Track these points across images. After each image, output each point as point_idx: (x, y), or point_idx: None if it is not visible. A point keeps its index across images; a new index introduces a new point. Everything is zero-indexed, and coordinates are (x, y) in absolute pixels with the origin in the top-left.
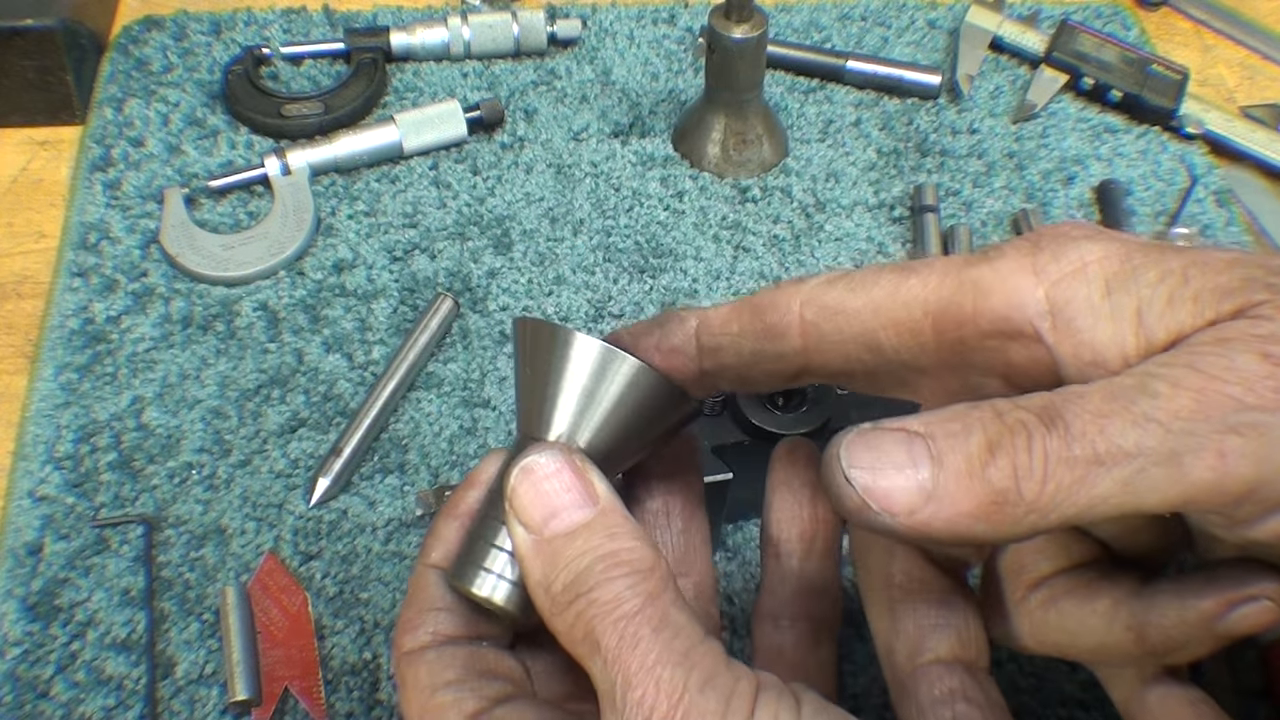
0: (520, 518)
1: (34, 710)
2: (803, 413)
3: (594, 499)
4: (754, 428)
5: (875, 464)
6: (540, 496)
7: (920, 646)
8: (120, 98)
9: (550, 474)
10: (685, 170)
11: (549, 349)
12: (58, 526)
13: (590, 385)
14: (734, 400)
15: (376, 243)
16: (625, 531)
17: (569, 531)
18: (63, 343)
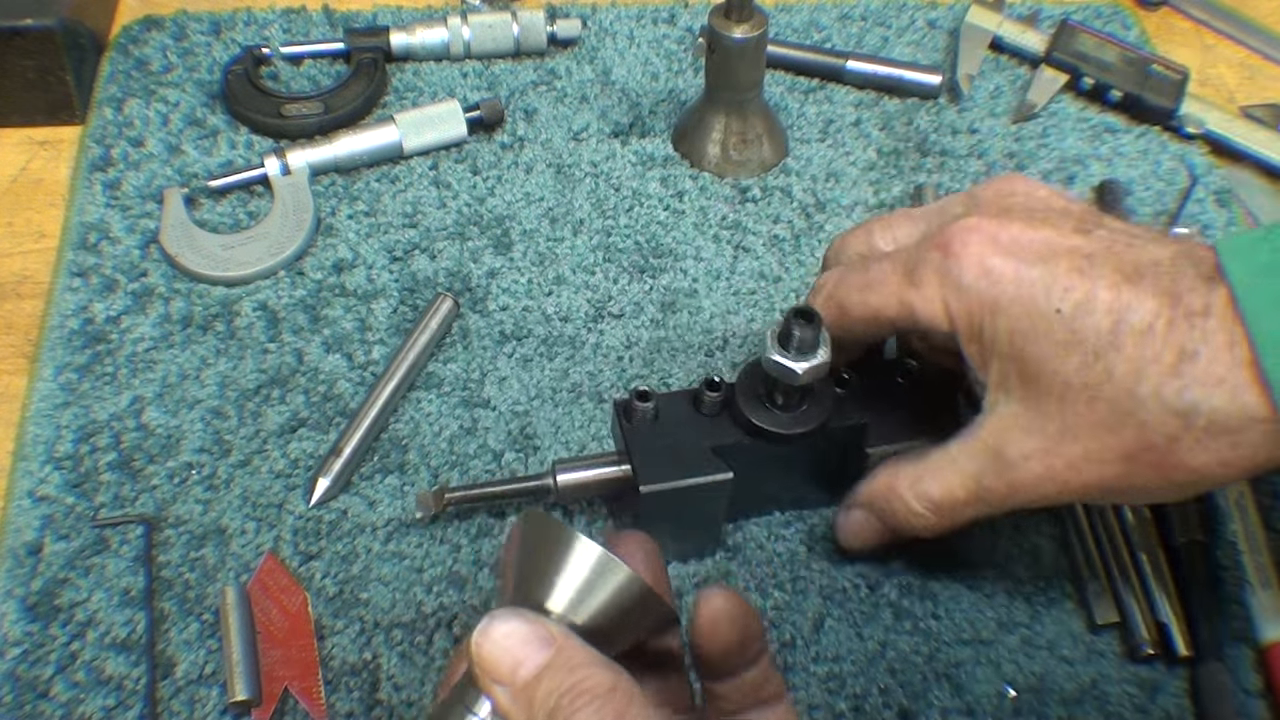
0: (492, 675)
1: (34, 710)
2: (801, 412)
3: (550, 640)
4: (754, 427)
5: None
6: (504, 652)
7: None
8: (120, 98)
9: (507, 630)
10: (685, 170)
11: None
12: (58, 526)
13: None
14: (733, 400)
15: (376, 243)
16: (582, 661)
17: (536, 675)
18: (63, 343)
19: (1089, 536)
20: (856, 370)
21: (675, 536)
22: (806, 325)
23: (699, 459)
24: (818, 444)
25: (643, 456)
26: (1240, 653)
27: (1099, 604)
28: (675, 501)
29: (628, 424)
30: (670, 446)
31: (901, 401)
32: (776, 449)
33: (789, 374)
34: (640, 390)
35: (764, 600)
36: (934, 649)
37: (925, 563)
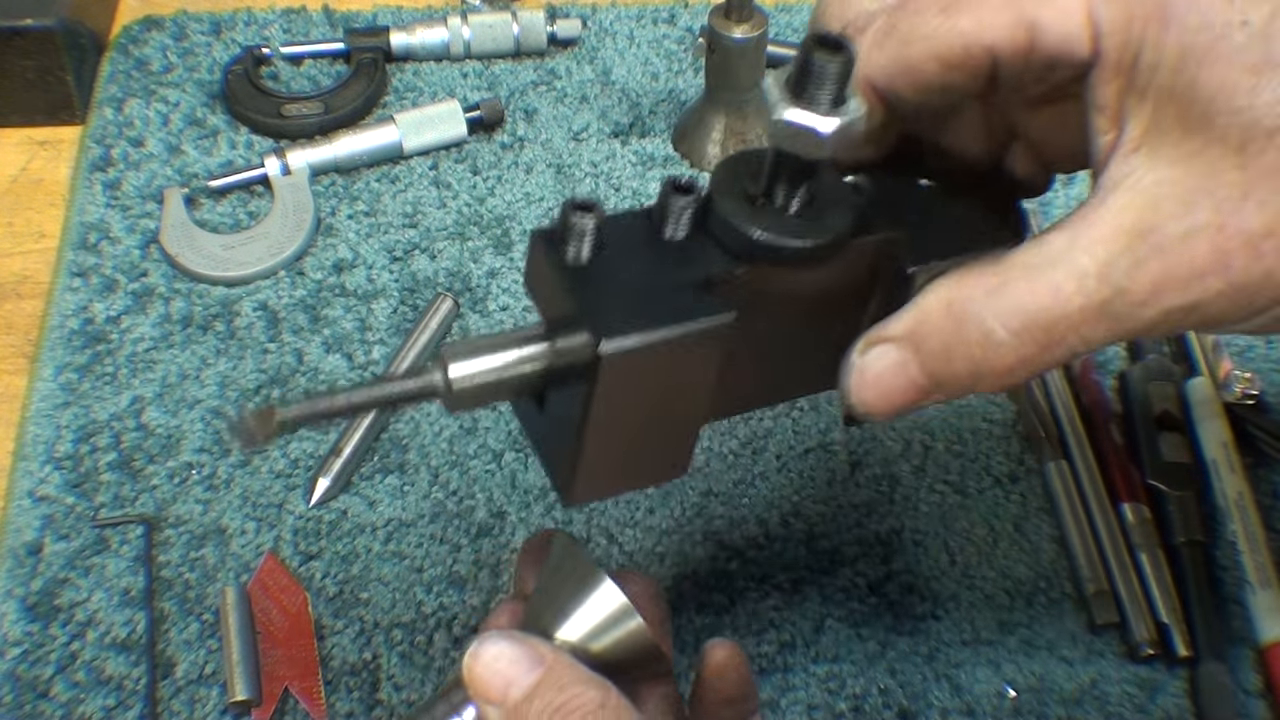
0: (484, 696)
1: (34, 710)
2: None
3: (540, 660)
4: (750, 243)
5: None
6: (495, 673)
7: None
8: (120, 98)
9: (498, 652)
10: (685, 170)
11: (574, 578)
12: (58, 526)
13: (596, 626)
14: (711, 208)
15: (376, 243)
16: (571, 679)
17: (526, 695)
18: (63, 343)
19: (1089, 536)
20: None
21: (634, 444)
22: (832, 58)
23: (682, 299)
24: (835, 269)
25: (593, 302)
26: (1240, 653)
27: (1099, 604)
28: (650, 370)
29: (556, 258)
30: (632, 287)
31: (938, 207)
32: (780, 279)
33: (810, 139)
34: (579, 201)
35: (764, 600)
36: (934, 649)
37: (925, 563)
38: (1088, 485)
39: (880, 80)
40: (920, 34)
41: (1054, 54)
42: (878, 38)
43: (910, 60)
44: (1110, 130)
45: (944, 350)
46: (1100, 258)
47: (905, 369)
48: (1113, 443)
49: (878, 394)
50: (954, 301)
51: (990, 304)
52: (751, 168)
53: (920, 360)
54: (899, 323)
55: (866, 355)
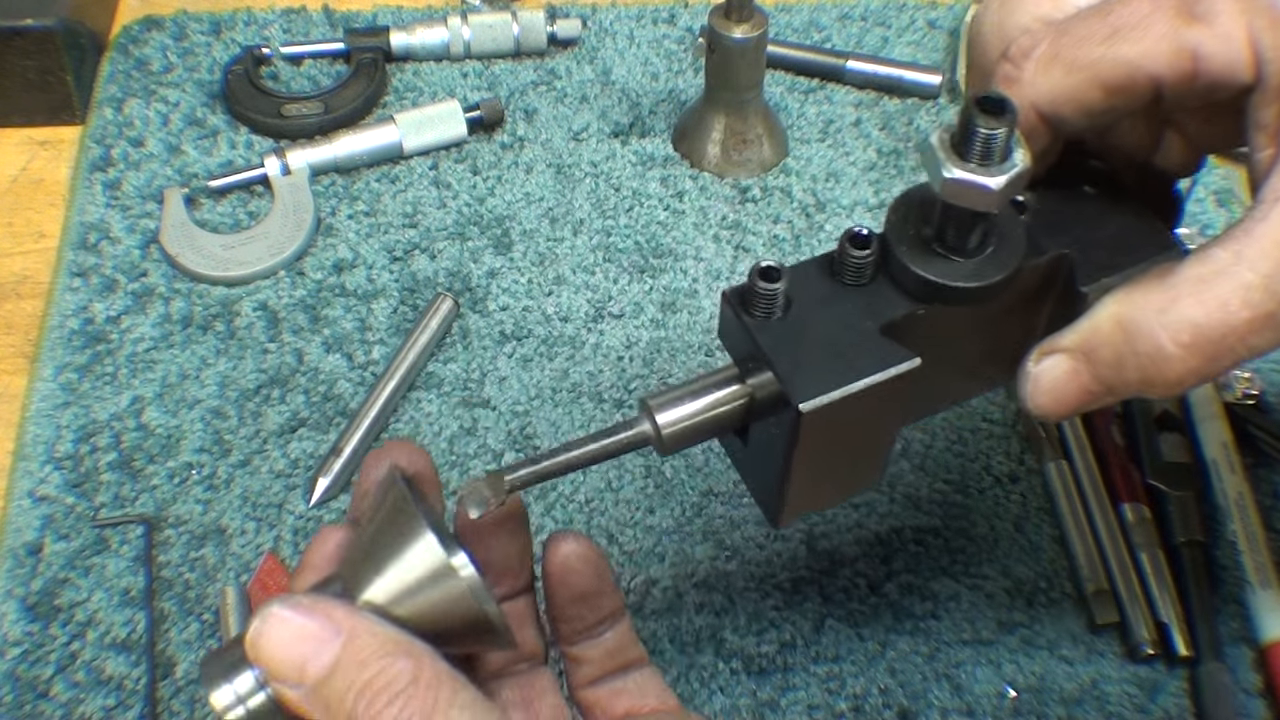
0: (279, 679)
1: (34, 710)
2: (989, 254)
3: (336, 630)
4: (930, 286)
5: None
6: (285, 649)
7: None
8: (120, 98)
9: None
10: (685, 170)
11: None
12: (58, 526)
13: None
14: (890, 254)
15: (376, 243)
16: (374, 652)
17: (327, 673)
18: (63, 343)
19: (1089, 536)
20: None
21: (833, 472)
22: (997, 120)
23: (868, 348)
24: (1015, 294)
25: (788, 361)
26: (1240, 653)
27: (1099, 604)
28: (845, 416)
29: (751, 320)
30: (820, 340)
31: (1102, 217)
32: (965, 311)
33: (980, 195)
34: (765, 267)
35: (764, 600)
36: (934, 649)
37: (925, 563)
38: (1088, 485)
39: (1045, 107)
40: (1085, 62)
41: (1217, 79)
42: (1042, 65)
43: (1075, 88)
44: (1270, 146)
45: (1116, 361)
46: (1264, 271)
47: (1078, 377)
48: (1113, 443)
49: (1052, 399)
50: (1125, 316)
51: (1160, 319)
52: (924, 209)
53: (1093, 369)
54: (1073, 335)
55: (1041, 364)
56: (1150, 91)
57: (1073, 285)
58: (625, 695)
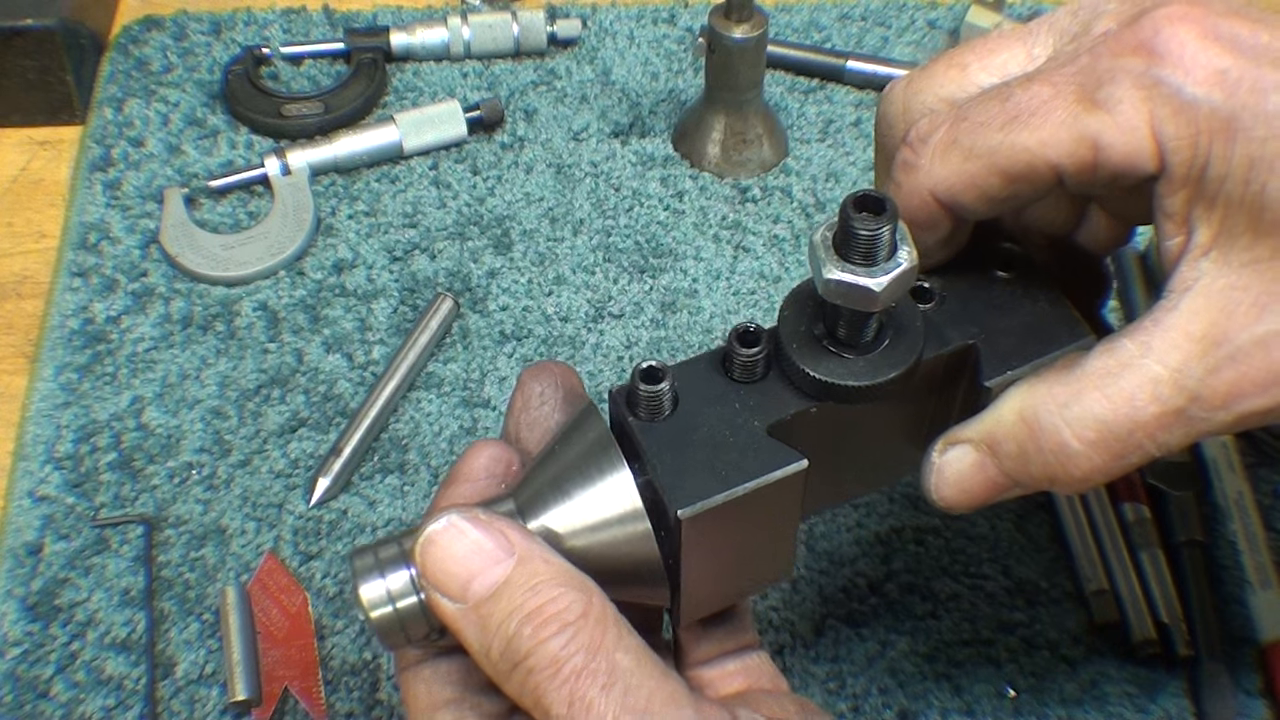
0: (440, 589)
1: (34, 710)
2: (883, 349)
3: (509, 550)
4: (820, 385)
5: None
6: (454, 562)
7: None
8: (120, 98)
9: (458, 535)
10: (685, 170)
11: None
12: (58, 526)
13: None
14: (781, 352)
15: (376, 243)
16: (548, 579)
17: (491, 593)
18: (63, 343)
19: (1089, 536)
20: (937, 273)
21: (732, 570)
22: (877, 219)
23: (753, 449)
24: (911, 388)
25: (669, 465)
26: (1240, 653)
27: (1099, 604)
28: (730, 519)
29: (636, 420)
30: (705, 441)
31: (1014, 304)
32: (857, 409)
33: (863, 296)
34: (647, 368)
35: (764, 600)
36: (934, 649)
37: (925, 563)
38: None
39: (944, 194)
40: (983, 149)
41: (1119, 168)
42: (940, 151)
43: (973, 175)
44: (1178, 234)
45: (1020, 455)
46: (1174, 365)
47: (983, 470)
48: None
49: (957, 491)
50: (1028, 410)
51: (1064, 414)
52: (815, 305)
53: (997, 463)
54: (977, 426)
55: (945, 455)
56: (1051, 179)
57: (978, 382)
58: (738, 675)
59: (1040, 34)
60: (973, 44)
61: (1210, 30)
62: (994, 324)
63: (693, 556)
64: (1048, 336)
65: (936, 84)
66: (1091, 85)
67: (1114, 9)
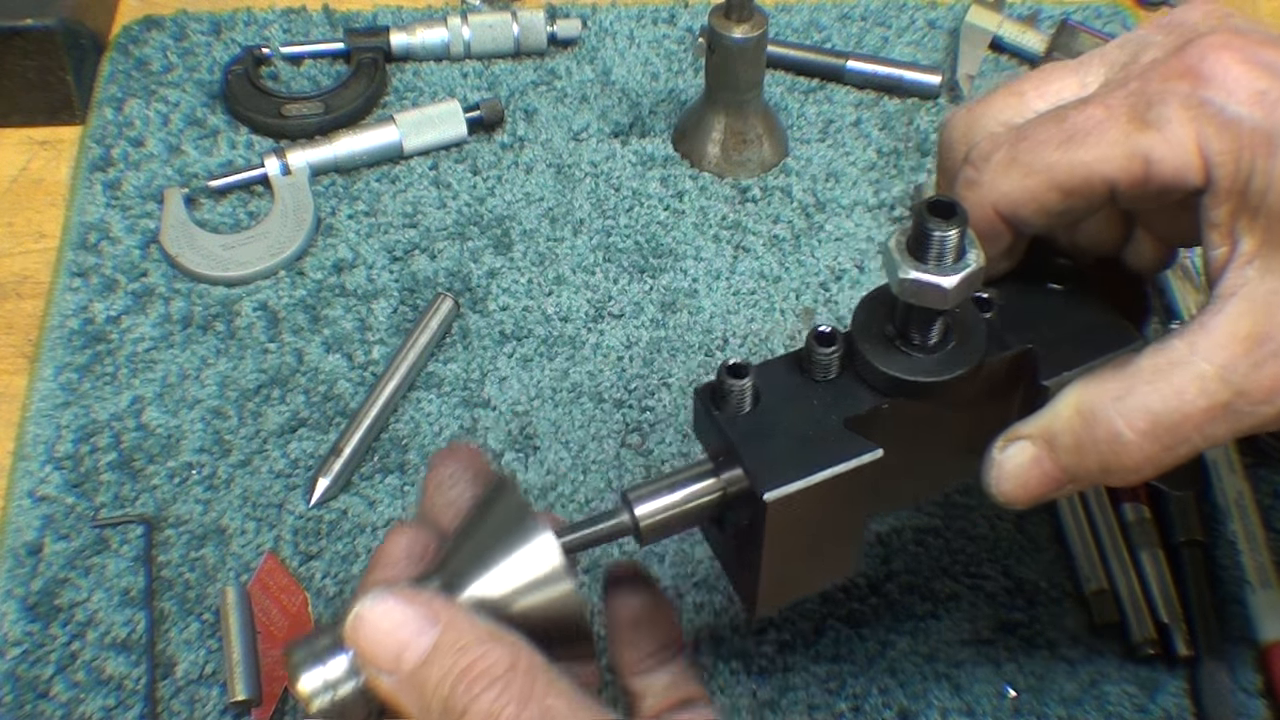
0: (374, 665)
1: (34, 710)
2: (950, 349)
3: (433, 618)
4: (893, 381)
5: None
6: (384, 636)
7: None
8: (120, 98)
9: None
10: (685, 170)
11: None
12: (58, 526)
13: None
14: (855, 351)
15: (376, 243)
16: (473, 639)
17: (423, 660)
18: (63, 343)
19: (1089, 536)
20: (995, 284)
21: (805, 559)
22: (948, 222)
23: (832, 440)
24: (975, 389)
25: (755, 453)
26: (1240, 653)
27: (1099, 604)
28: (810, 506)
29: (721, 414)
30: (787, 432)
31: (1067, 313)
32: (926, 405)
33: (935, 294)
34: (733, 364)
35: None
36: (934, 649)
37: (925, 563)
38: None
39: (1004, 208)
40: (1041, 166)
41: (1168, 183)
42: (1000, 168)
43: (1032, 190)
44: (1224, 244)
45: (1076, 448)
46: (1219, 362)
47: (1040, 464)
48: None
49: (1016, 485)
50: (1084, 403)
51: (1117, 406)
52: (887, 308)
53: (1054, 456)
54: (1035, 423)
55: (1005, 451)
56: (1105, 193)
57: (1037, 382)
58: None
59: (1092, 65)
60: (1029, 75)
61: (1250, 57)
62: (1050, 331)
63: (774, 541)
64: (1101, 341)
65: (996, 110)
66: (1142, 107)
67: (1160, 40)
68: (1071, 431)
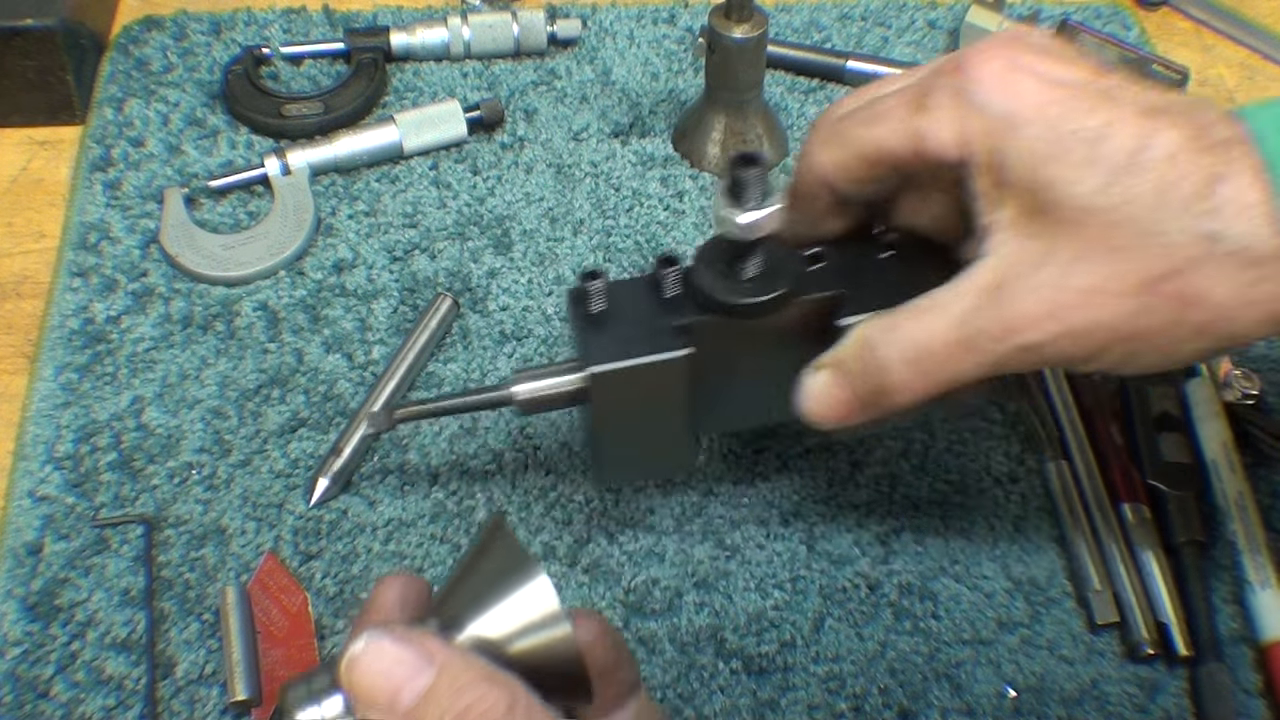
0: (369, 705)
1: (34, 710)
2: (765, 281)
3: (429, 659)
4: (712, 301)
5: None
6: (379, 678)
7: None
8: (120, 98)
9: (380, 653)
10: (685, 170)
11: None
12: (58, 526)
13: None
14: (690, 275)
15: (376, 243)
16: (471, 680)
17: (419, 701)
18: (63, 343)
19: (1089, 536)
20: (831, 246)
21: (639, 442)
22: (751, 167)
23: (654, 337)
24: (786, 320)
25: (592, 339)
26: (1240, 653)
27: (1099, 604)
28: (630, 388)
29: (579, 311)
30: (625, 328)
31: (883, 274)
32: (739, 327)
33: (738, 227)
34: (590, 270)
35: (764, 600)
36: (934, 649)
37: (925, 563)
38: (1088, 485)
39: (821, 172)
40: (848, 140)
41: (938, 156)
42: (820, 141)
43: (840, 159)
44: (987, 213)
45: (861, 372)
46: (967, 305)
47: (836, 388)
48: (1113, 443)
49: (817, 405)
50: (865, 336)
51: (887, 337)
52: (720, 247)
53: (844, 381)
54: (831, 353)
55: (809, 378)
56: (895, 164)
57: (832, 322)
58: None
59: (919, 71)
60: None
61: (1011, 61)
62: (862, 283)
63: (601, 412)
64: (901, 294)
65: (848, 102)
66: (922, 96)
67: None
68: (856, 358)
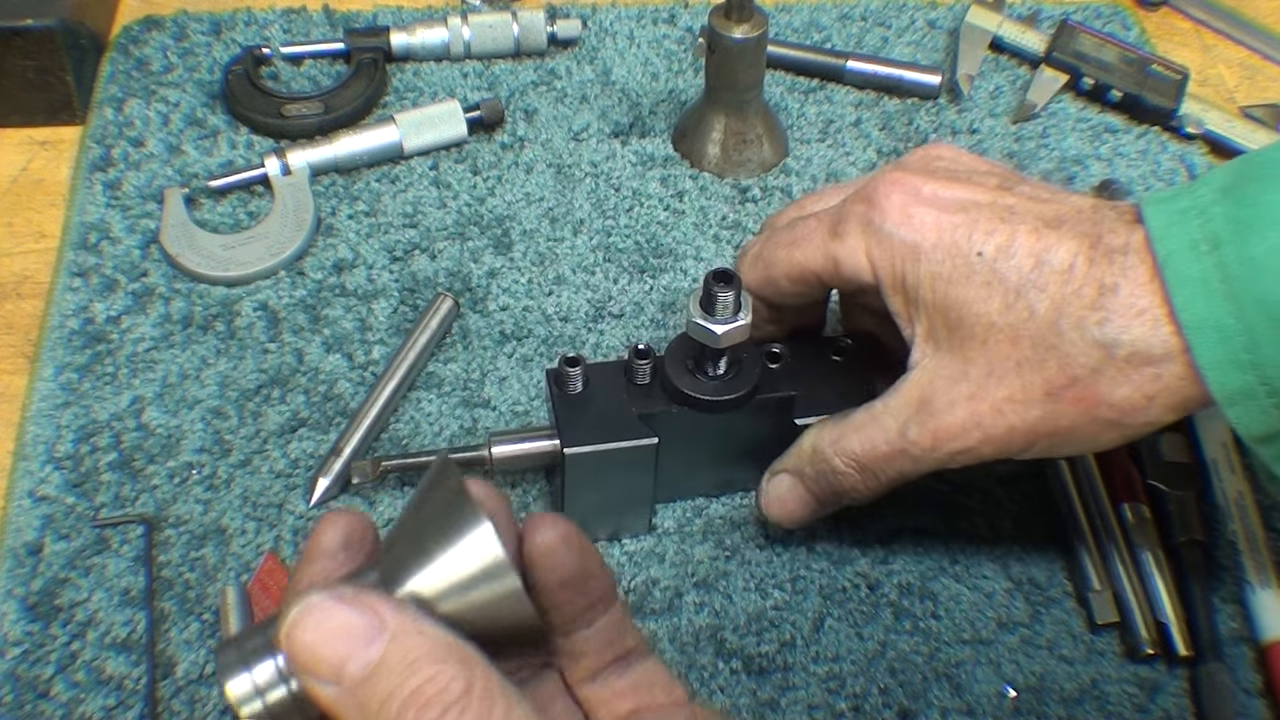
0: (313, 674)
1: (34, 710)
2: (729, 381)
3: (380, 626)
4: (680, 394)
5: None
6: (324, 645)
7: None
8: (120, 98)
9: (326, 616)
10: (685, 170)
11: (451, 516)
12: (58, 526)
13: (465, 579)
14: (663, 369)
15: (376, 243)
16: (425, 655)
17: (367, 675)
18: (63, 343)
19: (1089, 536)
20: (790, 346)
21: (603, 509)
22: (726, 286)
23: (625, 424)
24: (746, 415)
25: (569, 420)
26: (1240, 653)
27: (1099, 604)
28: (600, 467)
29: (558, 391)
30: (599, 413)
31: (834, 376)
32: (703, 418)
33: (710, 336)
34: (569, 356)
35: (764, 600)
36: (934, 649)
37: (925, 563)
38: (1087, 485)
39: (753, 289)
40: (773, 261)
41: (852, 279)
42: (750, 261)
43: (767, 277)
44: (908, 328)
45: (816, 477)
46: (900, 419)
47: (795, 490)
48: None
49: (780, 509)
50: (815, 445)
51: (834, 448)
52: (690, 345)
53: (803, 484)
54: (786, 460)
55: (770, 482)
56: (816, 283)
57: (791, 421)
58: (630, 693)
59: (848, 185)
60: (815, 192)
61: (911, 189)
62: (815, 385)
63: (572, 485)
64: (849, 397)
65: (786, 214)
66: (837, 223)
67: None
68: (811, 465)
